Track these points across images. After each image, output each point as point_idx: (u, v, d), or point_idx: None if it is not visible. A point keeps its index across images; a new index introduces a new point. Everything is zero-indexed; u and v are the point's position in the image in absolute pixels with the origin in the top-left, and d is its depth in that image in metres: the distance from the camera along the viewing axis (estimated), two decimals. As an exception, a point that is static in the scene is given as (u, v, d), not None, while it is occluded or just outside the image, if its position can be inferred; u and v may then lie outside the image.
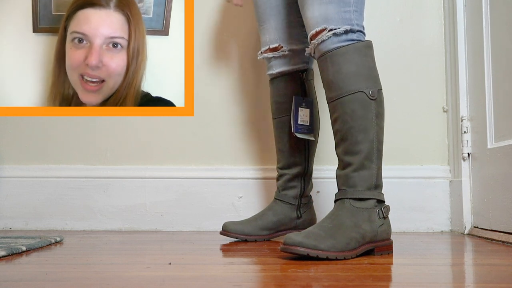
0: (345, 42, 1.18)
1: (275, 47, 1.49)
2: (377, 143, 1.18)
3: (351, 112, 1.16)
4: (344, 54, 1.17)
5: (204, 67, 1.89)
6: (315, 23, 1.20)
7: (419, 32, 1.86)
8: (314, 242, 1.08)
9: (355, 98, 1.16)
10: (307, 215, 1.53)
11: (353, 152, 1.17)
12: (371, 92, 1.17)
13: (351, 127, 1.17)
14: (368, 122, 1.17)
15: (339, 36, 1.18)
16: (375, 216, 1.17)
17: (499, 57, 1.51)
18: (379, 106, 1.19)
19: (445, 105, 1.83)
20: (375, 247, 1.17)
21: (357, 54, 1.18)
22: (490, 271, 0.95)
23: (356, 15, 1.20)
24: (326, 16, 1.19)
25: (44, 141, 1.91)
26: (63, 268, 1.00)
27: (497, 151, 1.50)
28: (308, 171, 1.53)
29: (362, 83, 1.17)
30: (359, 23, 1.21)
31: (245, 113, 1.87)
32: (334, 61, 1.18)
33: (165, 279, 0.87)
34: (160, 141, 1.89)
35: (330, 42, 1.19)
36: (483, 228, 1.58)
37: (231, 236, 1.47)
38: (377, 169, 1.19)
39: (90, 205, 1.86)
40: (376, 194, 1.18)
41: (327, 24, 1.19)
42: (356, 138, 1.16)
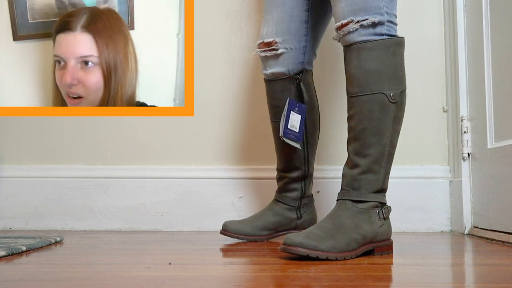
0: (373, 36, 1.12)
1: (269, 42, 1.41)
2: (390, 147, 1.16)
3: (368, 113, 1.13)
4: (370, 50, 1.11)
5: (204, 67, 1.89)
6: (342, 13, 1.15)
7: (419, 32, 1.86)
8: (314, 242, 1.08)
9: (374, 99, 1.12)
10: (308, 215, 1.52)
11: (363, 154, 1.15)
12: (392, 95, 1.12)
13: (365, 128, 1.13)
14: (384, 125, 1.13)
15: (366, 28, 1.12)
16: (376, 217, 1.16)
17: (499, 57, 1.51)
18: (398, 109, 1.15)
19: (445, 105, 1.83)
20: (375, 247, 1.17)
21: (384, 52, 1.12)
22: (490, 271, 0.95)
23: (387, 2, 1.13)
24: (354, 7, 1.12)
25: (44, 141, 1.91)
26: (63, 268, 1.00)
27: (497, 151, 1.50)
28: (308, 174, 1.50)
29: (384, 83, 1.12)
30: (390, 12, 1.14)
31: (245, 113, 1.87)
32: (359, 55, 1.12)
33: (165, 279, 0.87)
34: (160, 141, 1.89)
35: (357, 34, 1.13)
36: (483, 228, 1.58)
37: (231, 236, 1.47)
38: (384, 173, 1.17)
39: (90, 205, 1.86)
40: (379, 197, 1.17)
41: (353, 16, 1.13)
42: (369, 141, 1.14)
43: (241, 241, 1.48)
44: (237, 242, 1.47)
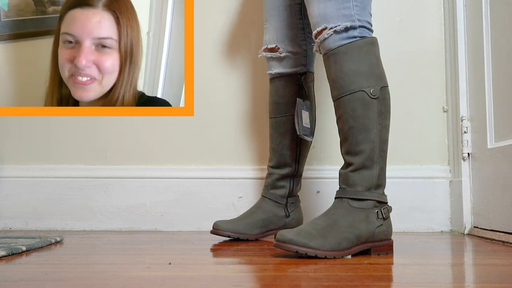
0: (346, 40, 1.17)
1: (272, 48, 1.51)
2: (380, 142, 1.18)
3: (352, 111, 1.16)
4: (345, 53, 1.16)
5: (204, 67, 1.89)
6: (316, 22, 1.20)
7: (419, 32, 1.86)
8: (304, 240, 1.09)
9: (356, 97, 1.15)
10: (295, 214, 1.56)
11: (354, 152, 1.17)
12: (372, 91, 1.16)
13: (352, 127, 1.16)
14: (369, 121, 1.16)
15: (339, 33, 1.17)
16: (374, 216, 1.16)
17: (499, 57, 1.51)
18: (381, 104, 1.17)
19: (445, 105, 1.83)
20: (372, 247, 1.17)
21: (357, 52, 1.16)
22: (490, 271, 0.95)
23: (358, 10, 1.18)
24: (325, 14, 1.18)
25: (44, 141, 1.91)
26: (63, 268, 1.00)
27: (497, 151, 1.50)
28: (298, 172, 1.55)
29: (362, 81, 1.15)
30: (361, 18, 1.18)
31: (245, 113, 1.87)
32: (336, 59, 1.17)
33: (165, 279, 0.87)
34: (160, 141, 1.89)
35: (332, 40, 1.18)
36: (483, 228, 1.58)
37: (222, 234, 1.48)
38: (379, 169, 1.17)
39: (90, 205, 1.86)
40: (376, 195, 1.17)
41: (326, 23, 1.18)
42: (357, 138, 1.16)
43: (234, 240, 1.48)
44: (237, 242, 1.47)
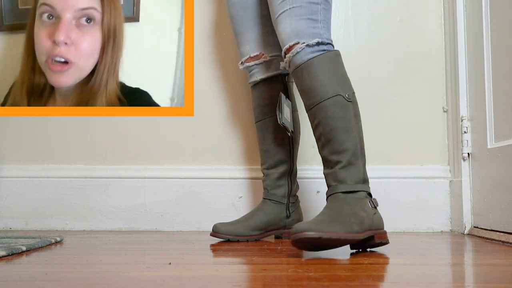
0: (317, 53, 1.26)
1: (256, 55, 1.54)
2: (360, 141, 1.25)
3: (332, 114, 1.23)
4: (319, 63, 1.25)
5: (204, 67, 1.89)
6: (288, 37, 1.28)
7: (419, 32, 1.86)
8: (323, 227, 1.10)
9: (334, 101, 1.23)
10: (295, 215, 1.56)
11: (339, 151, 1.22)
12: (347, 95, 1.24)
13: (334, 128, 1.23)
14: (348, 122, 1.24)
15: (311, 47, 1.25)
16: (368, 205, 1.21)
17: (499, 57, 1.51)
18: (355, 107, 1.27)
19: (445, 105, 1.83)
20: (375, 234, 1.20)
21: (330, 62, 1.26)
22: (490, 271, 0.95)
23: (324, 30, 1.29)
24: (298, 31, 1.26)
25: (44, 141, 1.91)
26: (63, 268, 1.00)
27: (497, 151, 1.50)
28: (293, 170, 1.57)
29: (338, 87, 1.24)
30: (327, 37, 1.29)
31: (245, 113, 1.87)
32: (310, 70, 1.25)
33: (165, 279, 0.87)
34: (160, 141, 1.89)
35: (304, 53, 1.25)
36: (483, 228, 1.58)
37: (222, 237, 1.48)
38: (362, 165, 1.25)
39: (90, 205, 1.86)
40: (365, 187, 1.23)
41: (299, 38, 1.26)
42: (341, 138, 1.23)
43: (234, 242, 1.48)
44: (237, 242, 1.47)
